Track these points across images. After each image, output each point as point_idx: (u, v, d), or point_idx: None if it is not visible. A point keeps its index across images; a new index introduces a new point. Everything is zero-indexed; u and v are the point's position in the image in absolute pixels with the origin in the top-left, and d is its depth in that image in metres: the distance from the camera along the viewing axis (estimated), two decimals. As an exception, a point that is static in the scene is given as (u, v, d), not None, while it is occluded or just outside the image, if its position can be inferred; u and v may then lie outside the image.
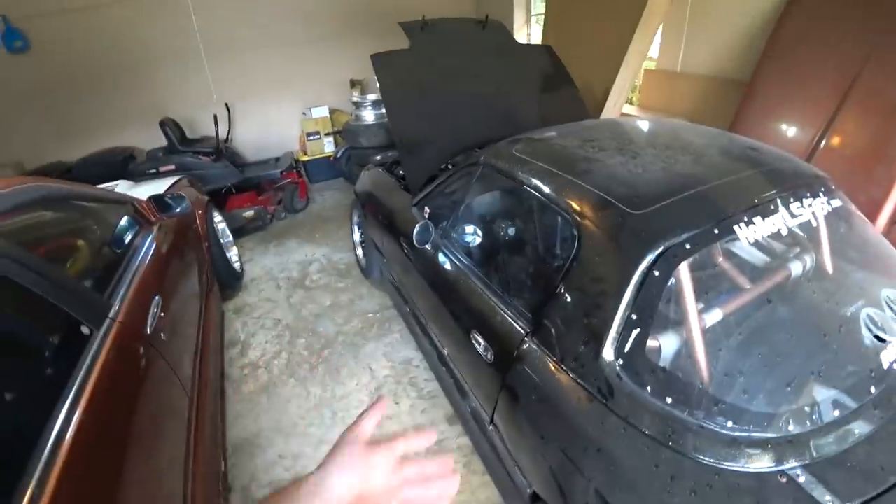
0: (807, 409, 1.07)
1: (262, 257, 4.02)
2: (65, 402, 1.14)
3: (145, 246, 2.12)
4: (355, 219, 3.40)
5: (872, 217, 2.48)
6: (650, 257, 1.14)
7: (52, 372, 1.24)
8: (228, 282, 3.38)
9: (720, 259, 1.35)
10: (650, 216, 1.22)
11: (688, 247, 1.16)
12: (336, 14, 5.69)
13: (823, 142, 2.74)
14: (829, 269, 1.44)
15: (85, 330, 1.39)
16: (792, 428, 1.04)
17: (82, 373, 1.25)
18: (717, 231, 1.21)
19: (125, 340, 1.51)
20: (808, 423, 1.05)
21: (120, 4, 4.87)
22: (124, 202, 2.32)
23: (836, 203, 1.53)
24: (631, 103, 4.32)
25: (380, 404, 0.57)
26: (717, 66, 3.51)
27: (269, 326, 3.06)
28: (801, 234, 1.50)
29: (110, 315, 1.53)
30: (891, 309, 1.34)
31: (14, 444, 1.01)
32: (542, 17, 4.92)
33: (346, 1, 5.67)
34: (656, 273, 1.13)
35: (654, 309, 1.13)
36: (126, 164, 4.73)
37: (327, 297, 3.30)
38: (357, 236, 3.41)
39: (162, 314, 1.84)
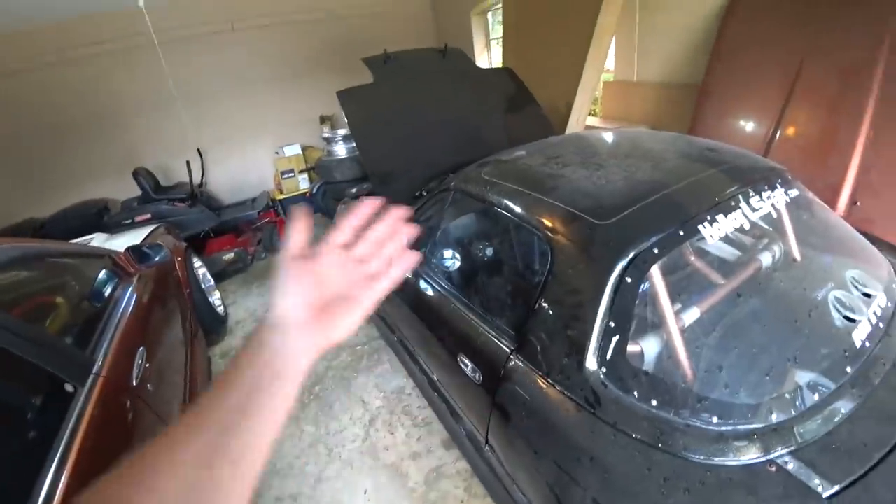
0: (788, 395, 1.10)
1: (245, 299, 3.99)
2: (51, 463, 1.13)
3: (126, 297, 2.10)
4: (335, 252, 3.40)
5: (832, 202, 2.58)
6: (621, 264, 1.18)
7: (36, 433, 1.23)
8: (213, 326, 3.34)
9: (690, 259, 1.39)
10: (617, 225, 1.26)
11: (656, 251, 1.20)
12: (301, 54, 5.80)
13: (778, 135, 2.85)
14: (796, 256, 1.50)
15: (69, 387, 1.38)
16: (775, 416, 1.07)
17: (68, 431, 1.24)
18: (682, 232, 1.25)
19: (111, 395, 1.50)
20: (790, 409, 1.08)
21: (88, 59, 4.89)
22: (101, 255, 2.30)
23: (794, 192, 1.60)
24: (594, 115, 4.44)
25: (303, 220, 0.52)
26: (671, 73, 3.65)
27: (257, 369, 3.01)
28: (764, 226, 1.56)
29: (94, 371, 1.52)
30: (856, 289, 1.39)
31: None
32: (500, 39, 5.07)
33: (310, 41, 5.80)
34: (629, 279, 1.17)
35: (631, 314, 1.16)
36: (101, 217, 4.69)
37: (314, 334, 3.27)
38: (339, 270, 3.40)
39: (147, 365, 1.82)
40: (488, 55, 5.97)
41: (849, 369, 1.18)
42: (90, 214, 4.74)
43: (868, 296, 1.39)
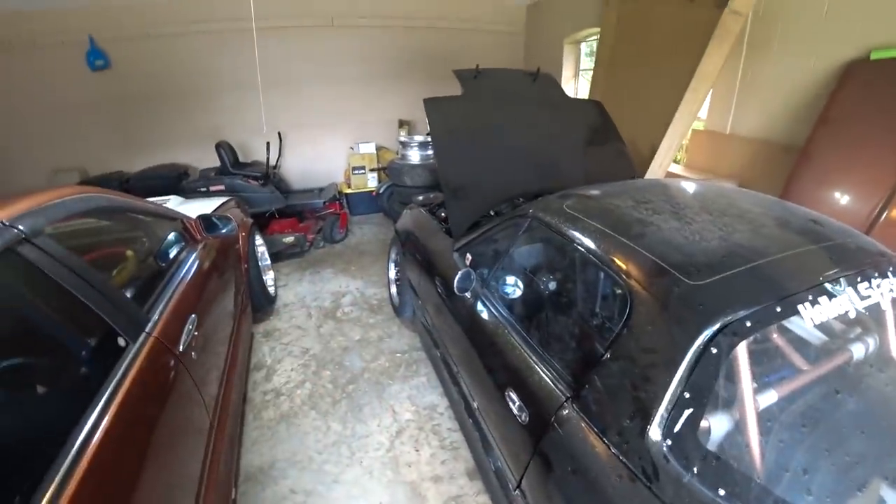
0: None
1: (296, 284, 4.07)
2: (94, 408, 1.15)
3: (188, 263, 2.17)
4: (393, 256, 3.41)
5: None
6: (708, 332, 1.08)
7: (86, 378, 1.26)
8: (261, 305, 3.42)
9: (782, 341, 1.26)
10: (709, 287, 1.16)
11: (748, 324, 1.09)
12: (390, 57, 5.94)
13: (885, 213, 2.62)
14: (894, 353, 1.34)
15: (121, 342, 1.41)
16: (861, 538, 0.94)
17: (114, 383, 1.26)
18: (779, 309, 1.14)
19: (158, 356, 1.52)
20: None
21: (193, 35, 5.23)
22: (174, 218, 2.40)
23: (907, 287, 1.43)
24: (677, 162, 4.27)
25: None
26: (768, 130, 3.45)
27: (296, 354, 3.06)
28: (870, 317, 1.40)
29: (147, 329, 1.55)
30: (971, 410, 1.22)
31: (42, 444, 1.01)
32: (591, 72, 4.99)
33: (400, 45, 5.92)
34: (713, 350, 1.06)
35: (710, 389, 1.05)
36: (180, 181, 4.96)
37: (357, 332, 3.29)
38: (392, 273, 3.41)
39: (196, 333, 1.85)
40: (575, 86, 5.89)
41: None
42: (171, 177, 5.02)
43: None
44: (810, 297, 1.18)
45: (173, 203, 3.62)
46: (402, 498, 2.05)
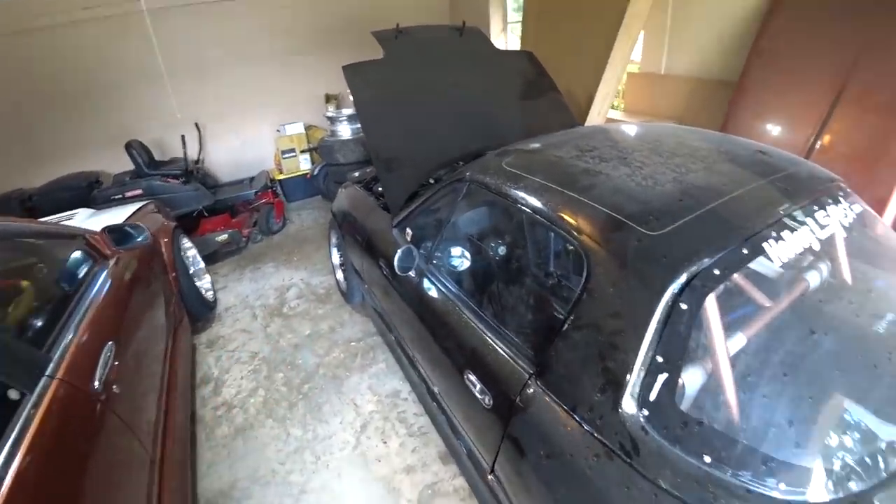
0: (867, 459, 0.91)
1: (236, 284, 3.78)
2: None
3: (97, 284, 1.90)
4: (333, 240, 3.20)
5: (877, 218, 2.37)
6: (675, 287, 0.97)
7: None
8: (200, 313, 3.14)
9: (749, 284, 1.18)
10: (670, 237, 1.05)
11: (716, 272, 0.99)
12: (307, 28, 5.53)
13: (819, 142, 2.63)
14: (867, 285, 1.29)
15: (13, 394, 1.18)
16: (853, 485, 0.87)
17: (7, 448, 1.04)
18: (745, 251, 1.05)
19: (66, 401, 1.30)
20: (870, 476, 0.89)
21: (81, 25, 4.64)
22: (74, 236, 2.10)
23: (858, 208, 1.39)
24: (615, 108, 4.20)
25: None
26: (703, 67, 3.42)
27: (244, 360, 2.83)
28: (831, 246, 1.35)
29: (48, 372, 1.32)
30: (934, 327, 1.19)
31: None
32: (520, 24, 4.81)
33: (317, 15, 5.52)
34: (683, 305, 0.96)
35: (685, 349, 0.95)
36: (90, 190, 4.46)
37: (307, 326, 3.08)
38: (336, 258, 3.21)
39: (116, 363, 1.62)
40: (505, 40, 5.70)
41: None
42: (81, 187, 4.51)
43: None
44: (773, 234, 1.10)
45: (81, 217, 3.24)
46: (375, 496, 1.92)
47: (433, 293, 1.69)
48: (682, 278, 0.98)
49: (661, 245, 1.04)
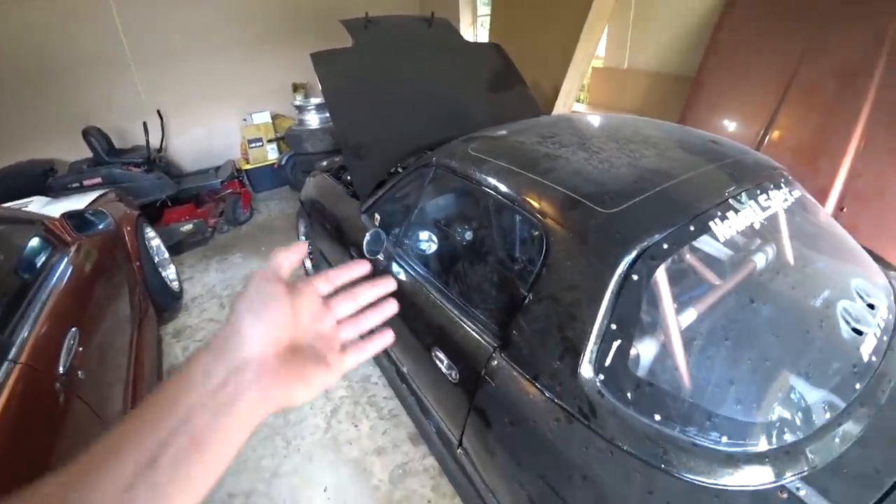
0: (800, 414, 1.00)
1: (203, 274, 3.72)
2: None
3: (58, 271, 1.87)
4: (302, 229, 3.19)
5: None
6: (627, 260, 1.04)
7: None
8: (166, 303, 3.09)
9: (695, 259, 1.27)
10: (623, 215, 1.12)
11: (665, 246, 1.07)
12: (275, 15, 5.43)
13: (768, 135, 2.78)
14: (803, 263, 1.40)
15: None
16: (787, 437, 0.96)
17: None
18: (692, 228, 1.13)
19: (30, 384, 1.29)
20: (803, 429, 0.98)
21: (36, 3, 4.42)
22: (32, 221, 2.04)
23: (797, 193, 1.50)
24: (580, 101, 4.32)
25: (300, 246, 0.45)
26: (664, 62, 3.55)
27: (211, 350, 2.80)
28: (771, 227, 1.46)
29: (10, 357, 1.31)
30: (862, 299, 1.31)
31: None
32: (489, 18, 4.86)
33: (285, 2, 5.42)
34: (635, 277, 1.03)
35: (636, 317, 1.02)
36: (45, 178, 4.28)
37: (276, 315, 3.07)
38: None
39: (81, 349, 1.60)
40: (474, 32, 5.75)
41: (858, 386, 1.09)
42: (34, 175, 4.31)
43: (872, 307, 1.30)
44: (719, 214, 1.19)
45: (36, 205, 3.14)
46: (347, 477, 1.96)
47: (401, 276, 1.73)
48: (634, 252, 1.05)
49: (615, 222, 1.11)
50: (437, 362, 1.42)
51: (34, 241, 1.89)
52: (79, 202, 3.03)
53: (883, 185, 2.41)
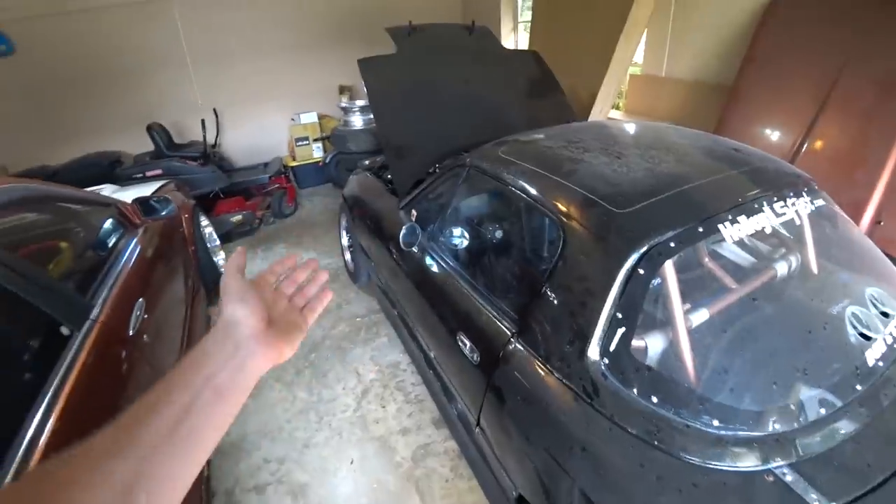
0: (793, 407, 1.07)
1: (249, 262, 3.89)
2: (41, 404, 1.12)
3: (129, 249, 2.09)
4: (343, 223, 3.37)
5: (855, 219, 2.50)
6: (635, 256, 1.14)
7: (30, 374, 1.21)
8: (215, 286, 3.33)
9: (705, 258, 1.35)
10: (635, 215, 1.22)
11: (672, 245, 1.16)
12: (324, 21, 5.70)
13: (805, 145, 2.77)
14: (814, 268, 1.45)
15: (65, 331, 1.37)
16: (778, 426, 1.03)
17: (61, 374, 1.23)
18: (701, 229, 1.21)
19: (107, 341, 1.49)
20: (794, 421, 1.05)
21: (108, 11, 4.84)
22: (108, 204, 2.28)
23: (820, 203, 1.54)
24: (617, 108, 4.35)
25: (240, 252, 0.60)
26: (701, 71, 3.55)
27: (254, 331, 3.02)
28: (786, 233, 1.51)
29: (91, 316, 1.51)
30: (875, 307, 1.35)
31: None
32: (529, 24, 4.95)
33: (334, 9, 5.69)
34: (641, 271, 1.13)
35: (640, 308, 1.12)
36: (112, 169, 4.67)
37: (314, 302, 3.27)
38: (345, 241, 3.39)
39: (146, 316, 1.81)
40: (515, 38, 5.85)
41: (858, 387, 1.14)
42: (102, 166, 4.71)
43: (886, 315, 1.34)
44: (730, 217, 1.26)
45: (107, 192, 3.43)
46: (372, 453, 2.10)
47: (434, 267, 1.87)
48: (642, 249, 1.14)
49: (627, 221, 1.20)
50: (461, 345, 1.55)
51: (108, 223, 2.12)
52: (143, 191, 3.31)
53: (923, 199, 2.37)
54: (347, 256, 3.39)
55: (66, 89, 5.00)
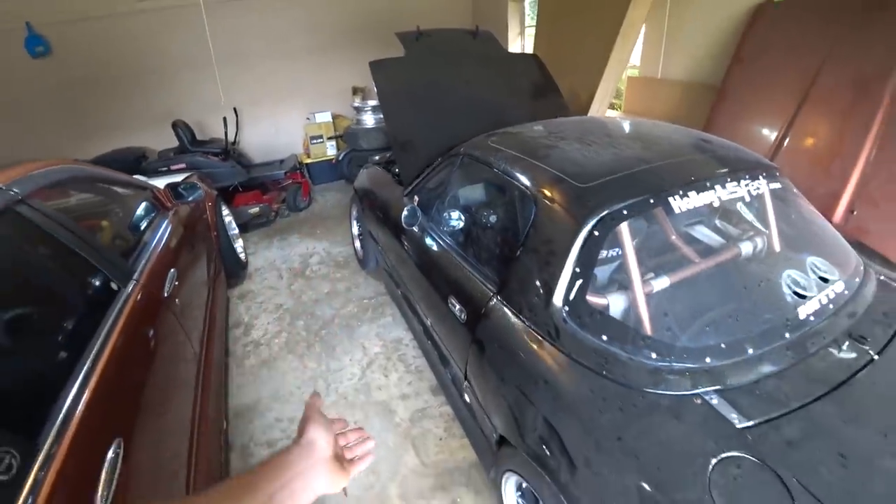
0: (723, 346, 1.26)
1: (265, 251, 4.25)
2: (94, 345, 1.35)
3: (162, 227, 2.35)
4: (354, 213, 3.61)
5: (830, 209, 2.68)
6: (592, 221, 1.35)
7: (90, 314, 1.45)
8: (234, 270, 3.59)
9: (659, 225, 1.55)
10: (594, 188, 1.43)
11: (625, 212, 1.37)
12: (339, 26, 5.99)
13: (787, 141, 2.95)
14: (763, 239, 1.64)
15: (114, 286, 1.62)
16: (709, 361, 1.23)
17: (111, 320, 1.47)
18: (652, 201, 1.41)
19: (146, 298, 1.73)
20: (724, 357, 1.24)
21: (138, 15, 5.18)
22: (144, 188, 2.55)
23: (776, 186, 1.72)
24: (616, 109, 4.54)
25: (316, 395, 0.72)
26: (695, 72, 3.73)
27: (270, 310, 3.27)
28: (740, 210, 1.71)
29: (134, 277, 1.76)
30: (815, 273, 1.54)
31: (50, 374, 1.20)
32: (534, 27, 5.17)
33: (348, 14, 5.97)
34: (596, 233, 1.34)
35: (594, 263, 1.33)
36: (139, 163, 4.98)
37: (326, 285, 3.52)
38: (355, 230, 3.63)
39: (176, 283, 2.05)
40: (522, 42, 6.07)
41: (787, 335, 1.33)
42: (129, 160, 5.02)
43: (825, 280, 1.52)
44: (680, 192, 1.46)
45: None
46: (374, 414, 2.33)
47: (433, 245, 2.09)
48: (598, 216, 1.35)
49: (587, 193, 1.42)
50: (451, 307, 1.77)
51: (144, 204, 2.38)
52: (171, 180, 3.59)
53: (893, 190, 2.53)
54: (357, 244, 3.63)
55: (96, 88, 5.34)
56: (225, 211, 3.76)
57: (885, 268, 1.78)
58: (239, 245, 3.83)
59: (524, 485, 1.48)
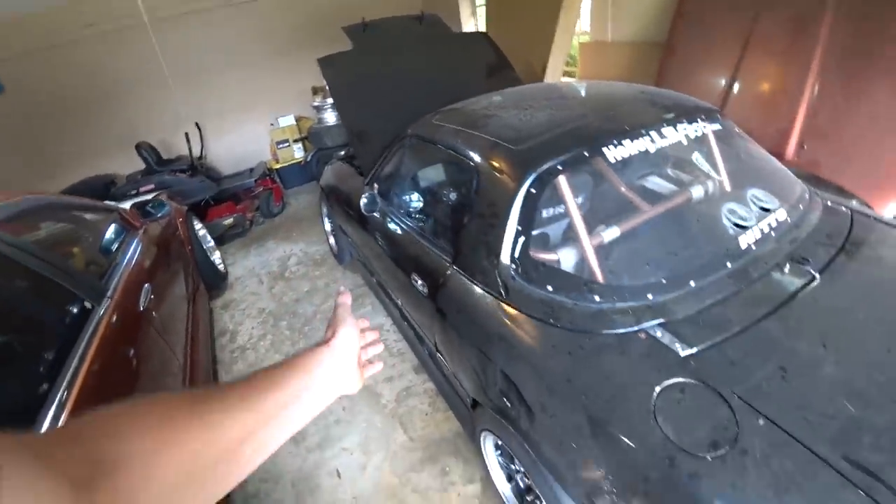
0: (664, 280, 1.32)
1: (244, 259, 4.26)
2: (74, 358, 1.38)
3: (132, 245, 2.36)
4: (324, 211, 3.64)
5: (782, 146, 2.75)
6: (529, 180, 1.40)
7: (64, 333, 1.48)
8: (214, 282, 3.62)
9: (607, 179, 1.61)
10: (528, 149, 1.48)
11: (560, 168, 1.42)
12: (289, 29, 5.96)
13: (735, 87, 3.01)
14: (711, 182, 1.69)
15: (88, 304, 1.65)
16: (651, 297, 1.29)
17: (86, 339, 1.50)
18: (587, 153, 1.47)
19: (121, 313, 1.76)
20: (665, 292, 1.29)
21: (84, 42, 5.11)
22: (111, 210, 2.57)
23: (716, 127, 1.77)
24: (571, 76, 4.58)
25: (346, 293, 0.75)
26: (643, 31, 3.79)
27: (254, 315, 3.31)
28: (687, 155, 1.75)
29: (108, 294, 1.79)
30: (755, 204, 1.59)
31: (30, 388, 1.24)
32: (485, 7, 5.19)
33: (296, 15, 5.96)
34: (533, 191, 1.39)
35: (534, 219, 1.39)
36: (108, 189, 4.95)
37: (306, 284, 3.55)
38: (328, 227, 3.66)
39: (152, 297, 2.08)
40: (475, 22, 6.08)
41: (729, 264, 1.38)
42: (99, 187, 4.99)
43: (767, 210, 1.58)
44: (613, 142, 1.51)
45: (108, 208, 3.72)
46: (360, 398, 2.38)
47: (393, 227, 2.13)
48: (534, 175, 1.40)
49: (522, 155, 1.47)
50: (414, 283, 1.82)
51: (113, 226, 2.40)
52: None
53: (838, 121, 2.60)
54: (331, 241, 3.66)
55: (54, 120, 5.27)
56: (198, 225, 3.77)
57: (841, 196, 1.83)
58: (217, 257, 3.85)
59: (499, 442, 1.54)
